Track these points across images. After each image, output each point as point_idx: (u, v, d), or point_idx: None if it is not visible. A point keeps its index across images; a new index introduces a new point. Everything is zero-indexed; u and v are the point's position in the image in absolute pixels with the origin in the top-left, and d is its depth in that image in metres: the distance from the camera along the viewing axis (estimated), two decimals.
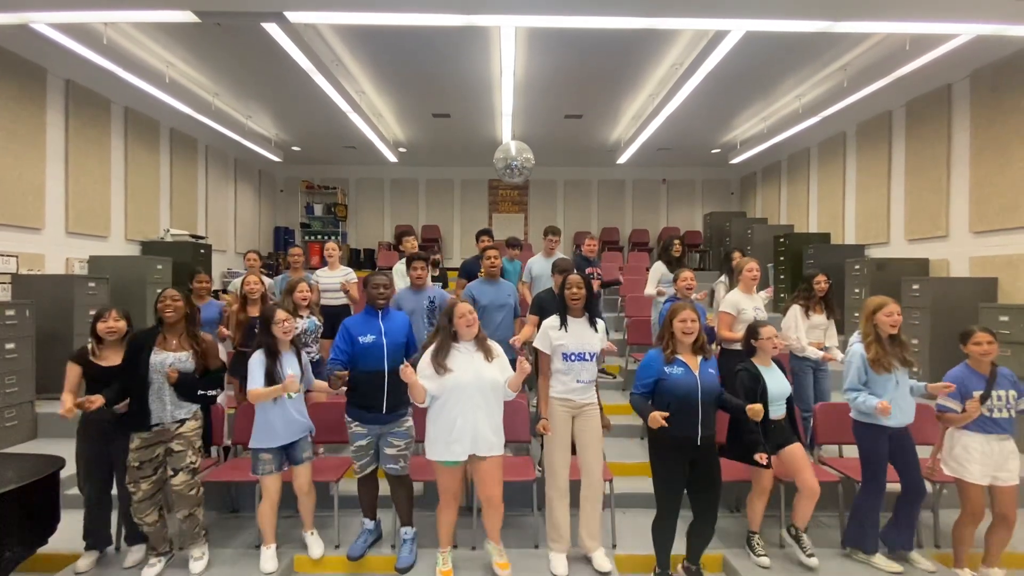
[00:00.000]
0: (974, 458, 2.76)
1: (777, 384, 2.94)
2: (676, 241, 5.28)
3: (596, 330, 2.95)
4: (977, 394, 2.75)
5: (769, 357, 3.01)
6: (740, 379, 2.92)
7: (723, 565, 3.00)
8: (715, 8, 4.00)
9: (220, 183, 8.90)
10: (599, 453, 2.92)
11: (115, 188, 6.41)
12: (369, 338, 2.93)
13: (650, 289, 5.11)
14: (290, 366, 2.88)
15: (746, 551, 2.99)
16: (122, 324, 2.87)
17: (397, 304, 3.77)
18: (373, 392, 2.89)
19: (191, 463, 2.76)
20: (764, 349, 2.97)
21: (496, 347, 2.82)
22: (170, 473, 2.74)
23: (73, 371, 2.80)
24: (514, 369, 2.74)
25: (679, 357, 2.67)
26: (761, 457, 2.72)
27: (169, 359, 2.75)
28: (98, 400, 2.62)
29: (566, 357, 2.88)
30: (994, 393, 2.75)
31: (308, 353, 3.69)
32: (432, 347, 2.76)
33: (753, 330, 3.03)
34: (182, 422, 2.78)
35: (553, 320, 2.96)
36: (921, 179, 6.18)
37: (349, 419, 2.96)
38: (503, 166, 6.24)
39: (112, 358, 2.84)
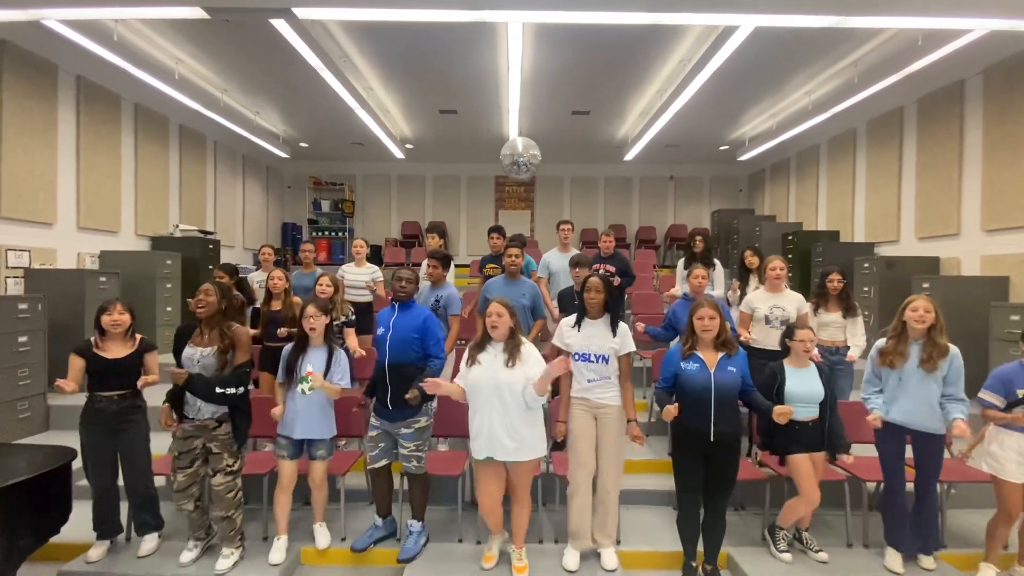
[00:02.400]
0: (1011, 456, 2.72)
1: (803, 386, 2.88)
2: (698, 237, 5.28)
3: (614, 334, 2.86)
4: (1021, 392, 2.71)
5: (803, 359, 2.96)
6: (762, 376, 2.95)
7: (728, 563, 3.00)
8: (724, 3, 3.98)
9: (228, 179, 8.96)
10: (613, 458, 2.86)
11: (125, 184, 6.47)
12: (380, 330, 3.00)
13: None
14: (311, 362, 2.90)
15: (766, 541, 3.01)
16: (126, 317, 2.88)
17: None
18: (381, 385, 2.94)
19: (228, 465, 2.79)
20: (796, 351, 2.95)
21: (527, 352, 2.67)
22: (210, 472, 2.81)
23: (76, 363, 2.81)
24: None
25: (696, 353, 2.70)
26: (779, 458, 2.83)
27: (196, 354, 2.75)
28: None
29: (573, 356, 2.90)
30: None
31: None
32: (473, 340, 2.79)
33: (789, 330, 3.02)
34: (220, 423, 2.78)
35: (570, 319, 2.99)
36: (932, 177, 6.11)
37: (372, 411, 3.04)
38: (510, 162, 6.22)
39: (115, 350, 2.86)
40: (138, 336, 2.95)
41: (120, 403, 2.82)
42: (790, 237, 7.57)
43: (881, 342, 2.93)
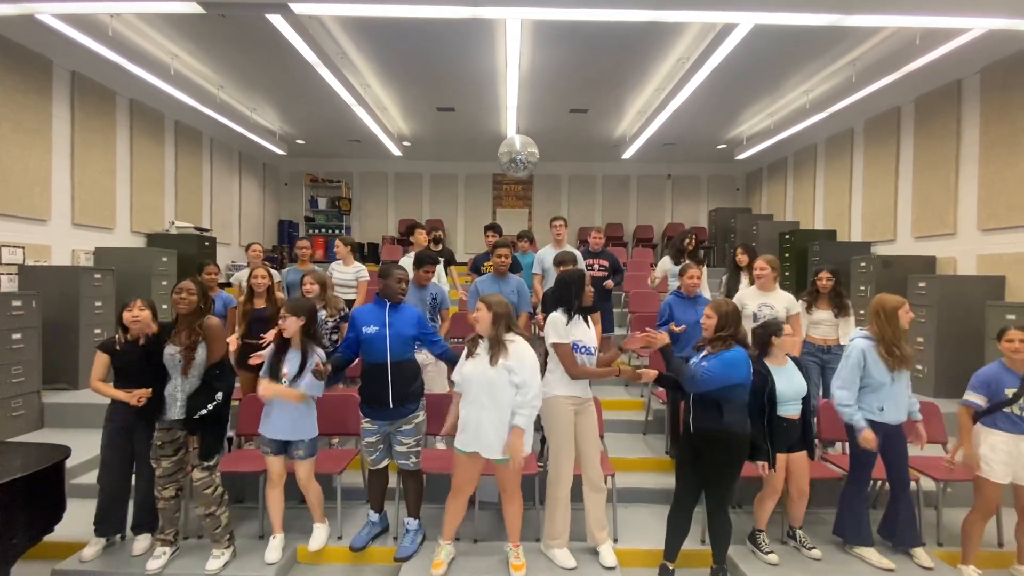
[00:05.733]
0: (999, 458, 2.76)
1: (790, 383, 2.90)
2: (692, 236, 5.35)
3: (589, 325, 2.98)
4: (1010, 392, 2.75)
5: (781, 356, 2.98)
6: (753, 384, 2.89)
7: (726, 562, 3.00)
8: (723, 1, 3.96)
9: (225, 176, 8.92)
10: (599, 444, 2.98)
11: (120, 180, 6.42)
12: (372, 329, 2.93)
13: (653, 281, 5.30)
14: (288, 363, 2.85)
15: (749, 548, 3.00)
16: (147, 314, 2.88)
17: None
18: (378, 384, 2.90)
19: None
20: (782, 347, 2.96)
21: (514, 352, 2.62)
22: (190, 467, 2.81)
23: (101, 360, 2.85)
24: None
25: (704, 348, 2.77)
26: (763, 467, 2.78)
27: (177, 354, 2.74)
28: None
29: (576, 348, 2.85)
30: None
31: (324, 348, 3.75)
32: (473, 333, 2.79)
33: (776, 328, 2.98)
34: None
35: (560, 315, 2.89)
36: (929, 176, 6.13)
37: (362, 415, 3.00)
38: (507, 160, 6.21)
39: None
40: None
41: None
42: (787, 236, 7.58)
43: (862, 342, 2.88)
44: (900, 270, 5.73)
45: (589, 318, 3.00)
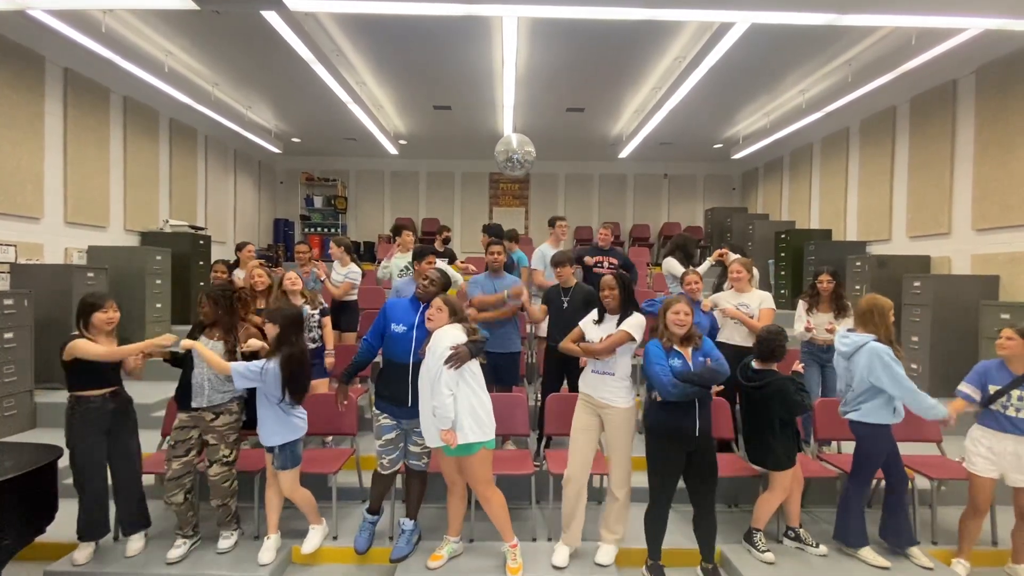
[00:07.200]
0: (980, 451, 2.80)
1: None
2: (699, 241, 5.37)
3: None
4: (993, 388, 2.78)
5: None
6: (788, 391, 2.84)
7: (720, 560, 3.00)
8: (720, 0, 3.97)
9: (220, 174, 8.87)
10: (621, 457, 2.87)
11: (114, 178, 6.37)
12: (401, 328, 2.88)
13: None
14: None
15: (744, 547, 2.99)
16: (119, 315, 2.87)
17: (396, 292, 3.82)
18: (399, 384, 2.84)
19: (224, 456, 2.86)
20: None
21: (438, 336, 2.64)
22: (206, 463, 2.88)
23: (87, 343, 2.71)
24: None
25: (676, 348, 2.69)
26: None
27: (209, 345, 2.84)
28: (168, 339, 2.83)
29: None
30: (1014, 392, 2.73)
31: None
32: None
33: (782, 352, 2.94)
34: (217, 415, 2.85)
35: (593, 314, 2.97)
36: (924, 176, 6.15)
37: (377, 412, 2.94)
38: (504, 159, 6.19)
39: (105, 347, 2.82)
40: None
41: (114, 401, 2.80)
42: (783, 235, 7.60)
43: (878, 345, 2.81)
44: (895, 270, 5.76)
45: (626, 319, 2.84)
